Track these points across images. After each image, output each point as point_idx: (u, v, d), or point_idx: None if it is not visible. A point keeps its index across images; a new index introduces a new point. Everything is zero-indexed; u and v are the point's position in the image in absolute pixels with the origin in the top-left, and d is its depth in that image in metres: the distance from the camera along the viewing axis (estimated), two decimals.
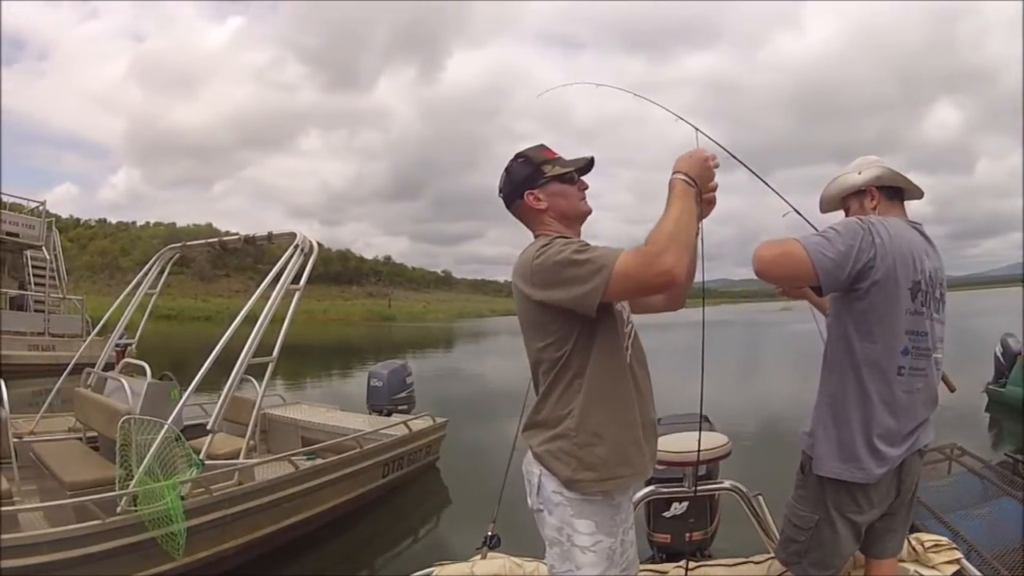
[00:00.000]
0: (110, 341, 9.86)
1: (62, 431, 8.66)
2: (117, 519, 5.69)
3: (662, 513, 4.96)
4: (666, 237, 2.50)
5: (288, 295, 7.65)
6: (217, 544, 6.56)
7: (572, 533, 2.80)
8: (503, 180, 3.10)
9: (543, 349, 2.82)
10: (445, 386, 22.34)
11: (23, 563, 5.21)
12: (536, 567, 4.20)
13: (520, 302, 2.88)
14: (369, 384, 11.69)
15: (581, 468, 2.74)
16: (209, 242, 9.24)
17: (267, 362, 7.40)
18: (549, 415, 2.85)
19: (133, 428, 6.18)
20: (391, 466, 9.41)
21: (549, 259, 2.67)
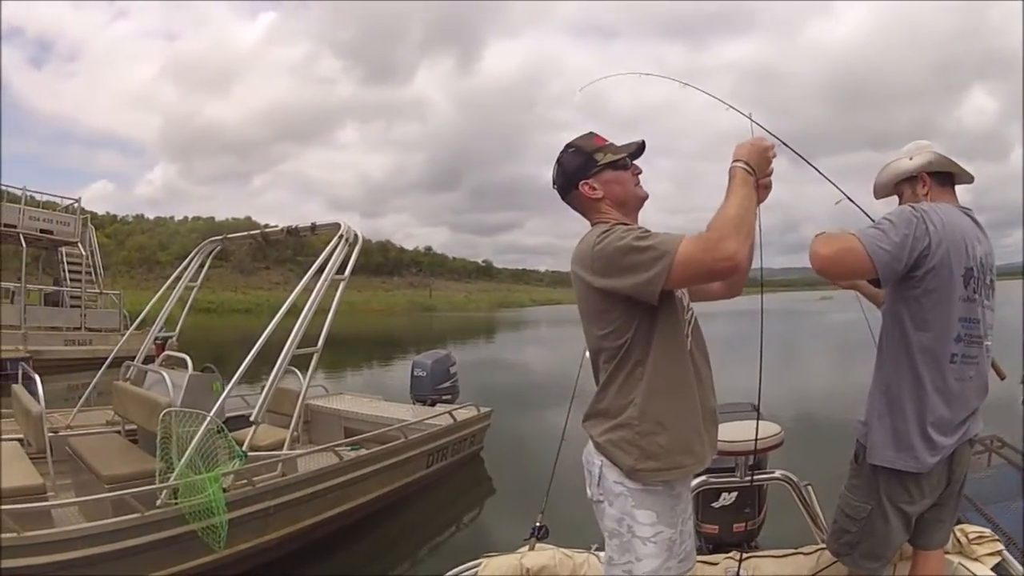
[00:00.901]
0: (150, 334, 9.87)
1: (100, 425, 8.70)
2: (156, 512, 5.67)
3: (711, 503, 4.87)
4: (728, 223, 2.47)
5: (333, 285, 7.61)
6: (259, 536, 6.56)
7: (633, 524, 2.75)
8: (556, 172, 3.06)
9: (604, 337, 2.79)
10: (487, 376, 22.34)
11: (57, 559, 5.20)
12: (586, 559, 4.18)
13: (580, 290, 2.85)
14: (413, 374, 11.68)
15: (643, 457, 2.70)
16: (251, 234, 9.21)
17: (311, 353, 7.35)
18: (611, 404, 2.81)
19: (174, 420, 6.17)
20: (435, 456, 9.40)
21: (610, 246, 2.63)
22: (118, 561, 5.46)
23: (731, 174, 2.66)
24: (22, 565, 5.03)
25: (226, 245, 9.61)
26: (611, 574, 2.89)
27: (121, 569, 5.50)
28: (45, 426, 6.75)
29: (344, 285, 7.68)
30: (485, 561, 4.17)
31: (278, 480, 6.72)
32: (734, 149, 2.73)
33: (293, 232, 8.46)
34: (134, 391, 7.81)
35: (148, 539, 5.62)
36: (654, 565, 2.75)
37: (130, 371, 8.67)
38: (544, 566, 4.11)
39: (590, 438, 2.90)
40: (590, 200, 2.95)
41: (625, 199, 2.96)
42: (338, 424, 10.17)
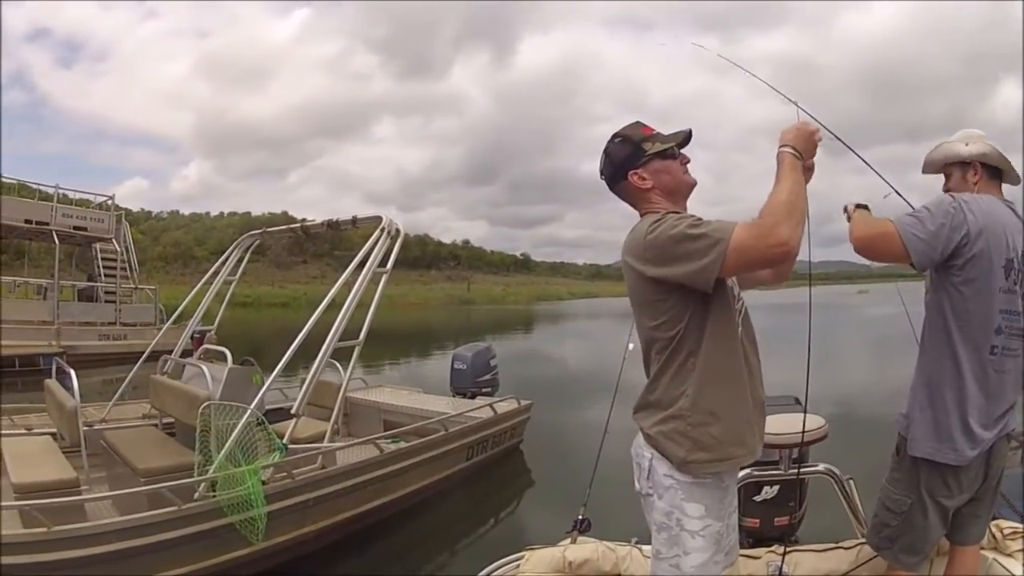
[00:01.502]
0: (188, 328, 9.91)
1: (135, 419, 8.76)
2: (194, 505, 5.70)
3: (752, 497, 4.89)
4: (781, 209, 2.48)
5: (374, 279, 7.61)
6: (297, 528, 6.59)
7: (682, 517, 2.75)
8: (603, 162, 3.05)
9: (656, 328, 2.79)
10: (526, 368, 22.38)
11: (90, 552, 5.22)
12: (629, 552, 4.17)
13: (632, 280, 2.85)
14: (453, 367, 11.71)
15: (695, 449, 2.70)
16: (291, 228, 9.27)
17: (353, 345, 7.37)
18: (662, 395, 2.80)
19: (213, 413, 6.19)
20: (475, 449, 9.41)
21: (663, 234, 2.63)
22: (153, 554, 5.50)
23: (779, 159, 2.66)
24: (54, 559, 5.06)
25: (265, 239, 9.62)
26: (658, 568, 2.87)
27: (157, 562, 5.54)
28: (80, 420, 6.77)
29: (386, 278, 7.71)
30: (528, 554, 4.18)
31: (318, 472, 6.74)
32: (780, 134, 2.73)
33: (334, 225, 8.44)
34: (172, 384, 7.84)
35: (185, 532, 5.65)
36: (702, 559, 2.74)
37: (168, 365, 8.70)
38: (587, 560, 4.10)
39: (640, 430, 2.90)
40: (639, 190, 2.94)
41: (675, 188, 2.95)
42: (377, 417, 10.22)
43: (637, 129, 3.00)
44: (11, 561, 4.94)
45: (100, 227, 26.24)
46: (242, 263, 9.61)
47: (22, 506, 5.24)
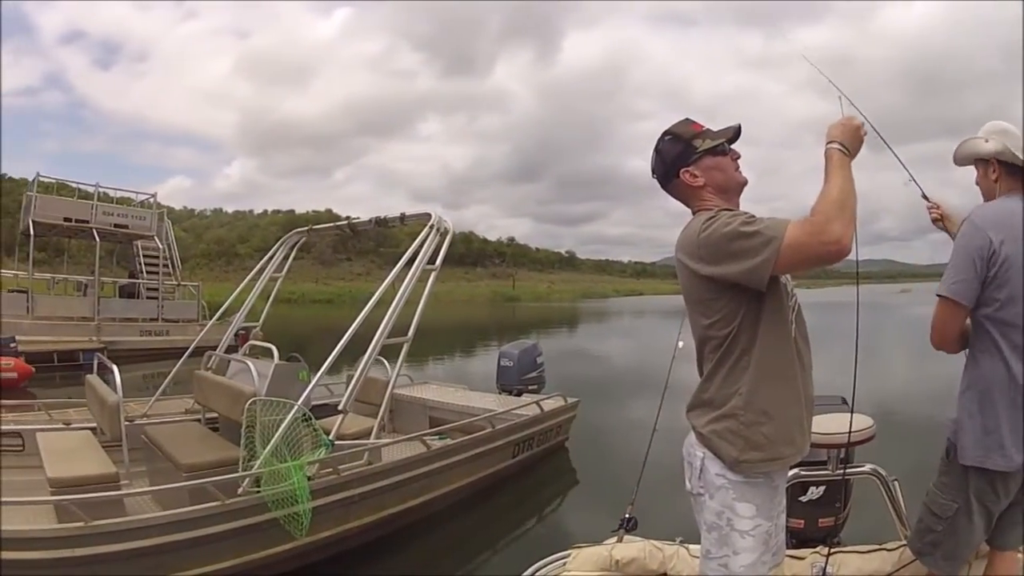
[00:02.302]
0: (233, 324, 9.97)
1: (178, 414, 8.83)
2: (238, 500, 5.73)
3: (798, 497, 4.88)
4: (833, 206, 2.47)
5: (423, 276, 7.59)
6: (341, 524, 6.61)
7: (733, 517, 2.78)
8: (655, 161, 3.07)
9: (710, 326, 2.81)
10: (571, 366, 22.30)
11: (127, 547, 5.25)
12: (676, 551, 4.21)
13: (686, 278, 2.86)
14: (499, 364, 11.74)
15: (748, 448, 2.73)
16: (338, 224, 9.27)
17: (401, 342, 7.37)
18: (716, 394, 2.82)
19: (259, 409, 6.24)
20: (521, 446, 9.43)
21: (716, 232, 2.65)
22: (194, 549, 5.54)
23: (828, 156, 2.66)
24: (91, 553, 5.10)
25: (311, 236, 9.66)
26: (707, 568, 2.90)
27: (198, 557, 5.58)
28: (122, 415, 6.79)
29: (435, 275, 7.68)
30: (574, 552, 4.24)
31: (364, 469, 6.78)
32: (827, 130, 2.74)
33: (381, 223, 8.45)
34: (217, 380, 7.90)
35: (227, 527, 5.69)
36: (751, 559, 2.77)
37: (212, 360, 8.79)
38: (633, 559, 4.14)
39: (693, 429, 2.92)
40: (691, 188, 2.95)
41: (726, 185, 2.96)
42: (423, 413, 10.29)
43: (687, 126, 3.01)
44: (44, 556, 5.00)
45: (142, 225, 26.64)
46: (288, 260, 9.66)
47: (58, 501, 5.30)
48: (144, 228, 26.76)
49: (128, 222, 26.27)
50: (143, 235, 27.06)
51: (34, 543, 5.03)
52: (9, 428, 7.85)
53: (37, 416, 8.55)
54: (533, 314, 67.31)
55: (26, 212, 24.34)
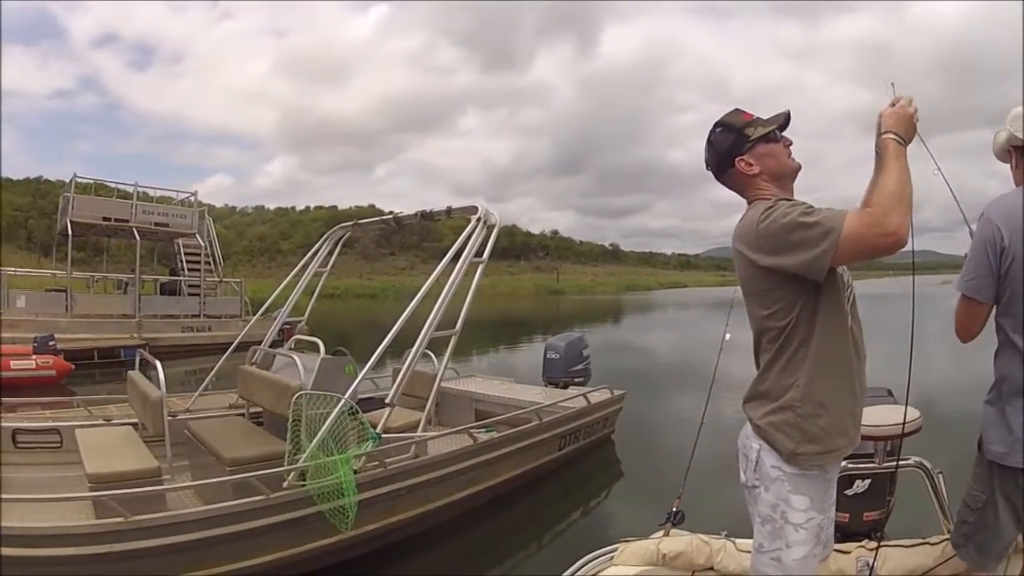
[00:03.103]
0: (278, 319, 10.13)
1: (221, 408, 8.95)
2: (283, 494, 5.78)
3: (844, 491, 4.84)
4: (891, 198, 2.48)
5: (470, 269, 7.63)
6: (387, 517, 6.65)
7: (787, 510, 2.82)
8: (708, 152, 3.10)
9: (768, 317, 2.84)
10: (615, 359, 22.33)
11: (166, 542, 5.30)
12: (723, 545, 4.21)
13: (744, 269, 2.88)
14: (546, 356, 11.78)
15: (804, 441, 2.76)
16: (383, 219, 9.28)
17: (449, 335, 7.46)
18: (773, 386, 2.86)
19: (306, 402, 6.30)
20: (567, 439, 9.45)
21: (775, 223, 2.66)
22: (237, 543, 5.60)
23: (883, 146, 2.64)
24: (129, 548, 5.15)
25: (356, 231, 9.74)
26: (759, 562, 2.93)
27: (241, 551, 5.64)
28: (165, 410, 6.86)
29: (482, 268, 7.73)
30: (622, 546, 4.27)
31: (411, 462, 6.83)
32: (880, 119, 2.71)
33: (427, 216, 8.50)
34: (262, 374, 7.99)
35: (271, 521, 5.74)
36: (803, 552, 2.80)
37: (257, 355, 8.88)
38: (681, 552, 4.15)
39: (749, 421, 2.95)
40: (746, 176, 2.97)
41: (780, 172, 2.98)
42: (468, 406, 10.31)
43: (738, 116, 3.03)
44: (79, 552, 5.05)
45: (183, 223, 27.04)
46: (333, 255, 9.75)
47: (98, 496, 5.33)
48: (185, 226, 27.15)
49: (169, 220, 26.64)
50: (184, 233, 27.49)
51: (70, 539, 5.06)
52: (46, 425, 7.97)
53: (76, 413, 8.62)
54: (577, 307, 67.06)
55: (63, 213, 24.76)
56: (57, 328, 19.80)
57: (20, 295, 23.32)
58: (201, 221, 28.02)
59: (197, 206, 28.50)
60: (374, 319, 40.74)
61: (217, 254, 29.94)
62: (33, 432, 7.83)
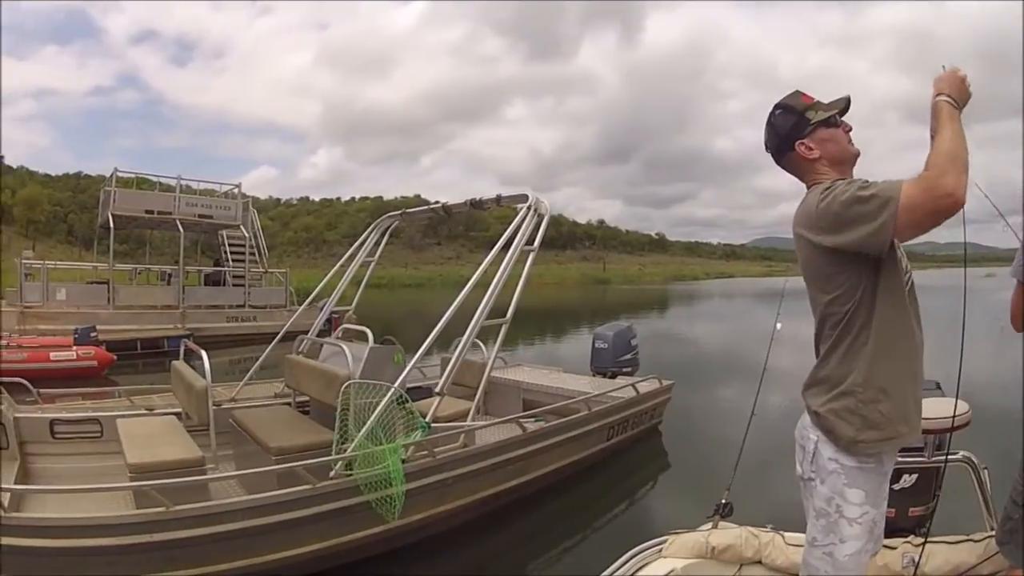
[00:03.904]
0: (325, 308, 10.20)
1: (267, 398, 9.03)
2: (329, 483, 5.81)
3: (891, 485, 4.81)
4: (944, 159, 2.46)
5: (522, 257, 7.62)
6: (434, 507, 6.67)
7: (842, 504, 2.79)
8: (768, 134, 3.08)
9: (831, 302, 2.82)
10: (661, 349, 22.38)
11: (209, 531, 5.34)
12: (772, 539, 4.20)
13: (806, 253, 2.87)
14: (594, 346, 11.78)
15: (865, 427, 2.73)
16: (432, 207, 9.28)
17: (499, 324, 7.45)
18: (834, 371, 2.84)
19: (354, 391, 6.32)
20: (616, 429, 9.44)
21: (835, 201, 2.65)
22: (282, 532, 5.63)
23: (937, 108, 2.64)
24: (172, 538, 5.19)
25: (404, 220, 9.78)
26: (811, 556, 2.93)
27: (286, 540, 5.68)
28: (210, 400, 6.82)
29: (533, 256, 7.71)
30: (671, 538, 4.28)
31: (459, 451, 6.85)
32: (934, 82, 2.71)
33: (477, 204, 8.48)
34: (310, 363, 8.03)
35: (317, 510, 5.76)
36: (855, 547, 2.78)
37: (303, 344, 8.95)
38: (729, 545, 4.16)
39: (808, 409, 2.93)
40: (807, 161, 2.96)
41: (841, 157, 2.95)
42: (516, 395, 10.33)
43: (798, 98, 3.02)
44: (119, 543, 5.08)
45: (226, 214, 27.48)
46: (380, 245, 9.82)
47: (139, 486, 5.37)
48: (229, 218, 27.56)
49: (213, 212, 27.08)
50: (228, 225, 27.93)
51: (110, 529, 5.10)
52: (86, 415, 8.04)
53: (118, 403, 8.70)
54: (623, 296, 67.18)
55: (104, 207, 25.17)
56: (99, 320, 20.13)
57: (60, 287, 23.60)
58: (245, 213, 28.42)
59: (241, 198, 28.83)
60: (420, 308, 40.91)
61: (262, 245, 30.33)
62: (72, 423, 7.91)
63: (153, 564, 5.19)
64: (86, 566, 5.04)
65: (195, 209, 26.44)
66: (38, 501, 5.99)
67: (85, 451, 7.71)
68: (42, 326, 20.83)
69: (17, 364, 14.86)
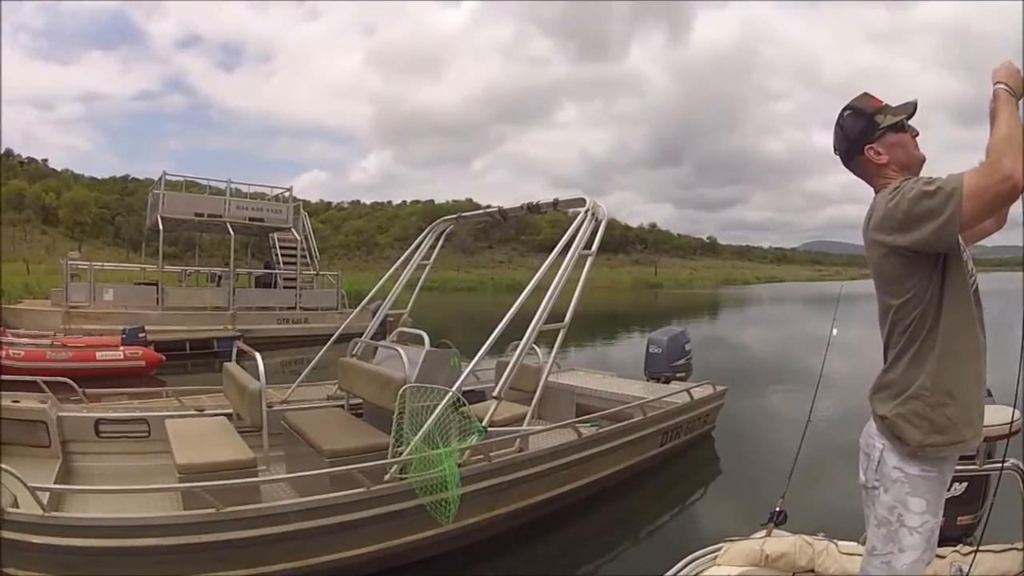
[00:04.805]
0: (379, 312, 10.22)
1: (319, 400, 9.08)
2: (384, 487, 5.87)
3: None
4: (1002, 143, 2.51)
5: (579, 261, 7.62)
6: (488, 511, 6.70)
7: (904, 513, 2.82)
8: (838, 137, 3.11)
9: (901, 307, 2.84)
10: (712, 354, 22.23)
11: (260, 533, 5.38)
12: (825, 547, 4.22)
13: (877, 255, 2.89)
14: (648, 351, 11.80)
15: (932, 431, 2.76)
16: (488, 211, 9.34)
17: (557, 328, 7.44)
18: (901, 375, 2.87)
19: (410, 395, 6.34)
20: (669, 434, 9.43)
21: (903, 200, 2.69)
22: (334, 535, 5.67)
23: (995, 96, 2.68)
24: (222, 539, 5.23)
25: (460, 224, 9.80)
26: (869, 565, 2.95)
27: (338, 543, 5.71)
28: (264, 401, 6.88)
29: (591, 261, 7.72)
30: (726, 546, 4.29)
31: (515, 456, 6.88)
32: (992, 73, 2.75)
33: (534, 208, 8.51)
34: (365, 366, 8.07)
35: (370, 513, 5.79)
36: (914, 557, 2.82)
37: (358, 347, 9.00)
38: (783, 553, 4.17)
39: (874, 415, 2.96)
40: (875, 166, 2.99)
41: (908, 163, 2.98)
42: (570, 400, 10.34)
43: (867, 101, 3.04)
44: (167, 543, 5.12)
45: (277, 217, 27.95)
46: (436, 248, 9.87)
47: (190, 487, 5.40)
48: (280, 220, 28.00)
49: (263, 215, 27.54)
50: (279, 227, 28.31)
51: (159, 530, 5.15)
52: (133, 415, 8.14)
53: (167, 403, 8.79)
54: (675, 300, 67.17)
55: (153, 209, 25.65)
56: (147, 320, 20.34)
57: (108, 288, 23.94)
58: (296, 216, 28.80)
59: (292, 201, 29.17)
60: (471, 312, 41.51)
61: (313, 248, 30.59)
62: (118, 422, 8.00)
63: (202, 564, 5.25)
64: (134, 566, 5.11)
65: (245, 212, 26.87)
66: (80, 499, 6.09)
67: (130, 450, 7.83)
68: (87, 326, 21.10)
69: (61, 363, 15.03)
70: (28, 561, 4.94)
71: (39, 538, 4.90)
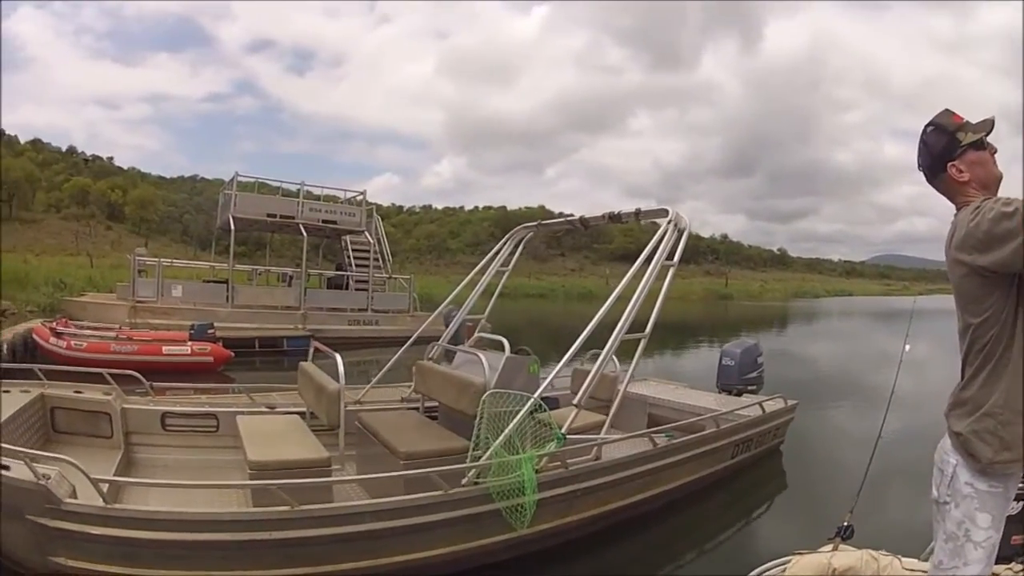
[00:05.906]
0: (457, 316, 10.34)
1: (393, 402, 9.21)
2: (461, 490, 5.97)
3: None
4: None
5: (661, 272, 7.68)
6: (562, 517, 6.76)
7: (971, 528, 2.88)
8: (922, 153, 3.15)
9: (980, 325, 2.89)
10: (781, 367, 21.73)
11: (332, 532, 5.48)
12: (890, 562, 4.28)
13: (958, 274, 2.93)
14: (721, 363, 11.82)
15: (1002, 448, 2.82)
16: (569, 220, 9.41)
17: (638, 339, 7.53)
18: (977, 392, 2.91)
19: (490, 400, 6.46)
20: (740, 447, 9.47)
21: (984, 220, 2.74)
22: (408, 536, 5.77)
23: None
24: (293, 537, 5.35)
25: (540, 231, 9.92)
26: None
27: (412, 544, 5.81)
28: (342, 402, 6.88)
29: (673, 271, 7.79)
30: (795, 559, 4.38)
31: (591, 464, 6.94)
32: None
33: (615, 218, 8.56)
34: (443, 370, 8.16)
35: (445, 516, 5.89)
36: (977, 571, 2.88)
37: (435, 351, 9.13)
38: (850, 567, 4.25)
39: (949, 431, 3.00)
40: (957, 183, 3.04)
41: (987, 181, 3.03)
42: (642, 409, 10.36)
43: (949, 117, 3.08)
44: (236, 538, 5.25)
45: (351, 220, 28.25)
46: (515, 255, 10.03)
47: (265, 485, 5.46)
48: (353, 223, 28.29)
49: (336, 218, 27.87)
50: (352, 230, 28.55)
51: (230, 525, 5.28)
52: (202, 409, 8.31)
53: (236, 399, 8.99)
54: (745, 312, 66.83)
55: (224, 209, 26.37)
56: (216, 317, 20.47)
57: (176, 284, 24.35)
58: (369, 219, 29.04)
59: (365, 204, 29.38)
60: (541, 318, 41.67)
61: (386, 251, 30.83)
62: (185, 416, 8.18)
63: (268, 561, 5.39)
64: (199, 560, 5.21)
65: (318, 214, 27.17)
66: (140, 490, 6.23)
67: (196, 444, 7.98)
68: (154, 320, 21.48)
69: (127, 356, 15.47)
70: (87, 553, 5.06)
71: (99, 529, 5.01)
